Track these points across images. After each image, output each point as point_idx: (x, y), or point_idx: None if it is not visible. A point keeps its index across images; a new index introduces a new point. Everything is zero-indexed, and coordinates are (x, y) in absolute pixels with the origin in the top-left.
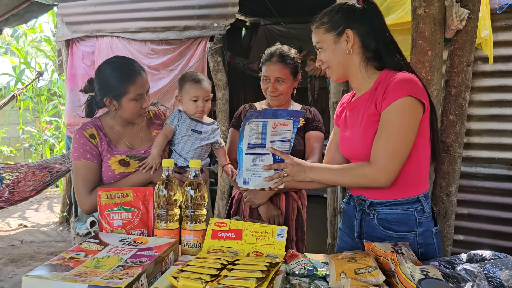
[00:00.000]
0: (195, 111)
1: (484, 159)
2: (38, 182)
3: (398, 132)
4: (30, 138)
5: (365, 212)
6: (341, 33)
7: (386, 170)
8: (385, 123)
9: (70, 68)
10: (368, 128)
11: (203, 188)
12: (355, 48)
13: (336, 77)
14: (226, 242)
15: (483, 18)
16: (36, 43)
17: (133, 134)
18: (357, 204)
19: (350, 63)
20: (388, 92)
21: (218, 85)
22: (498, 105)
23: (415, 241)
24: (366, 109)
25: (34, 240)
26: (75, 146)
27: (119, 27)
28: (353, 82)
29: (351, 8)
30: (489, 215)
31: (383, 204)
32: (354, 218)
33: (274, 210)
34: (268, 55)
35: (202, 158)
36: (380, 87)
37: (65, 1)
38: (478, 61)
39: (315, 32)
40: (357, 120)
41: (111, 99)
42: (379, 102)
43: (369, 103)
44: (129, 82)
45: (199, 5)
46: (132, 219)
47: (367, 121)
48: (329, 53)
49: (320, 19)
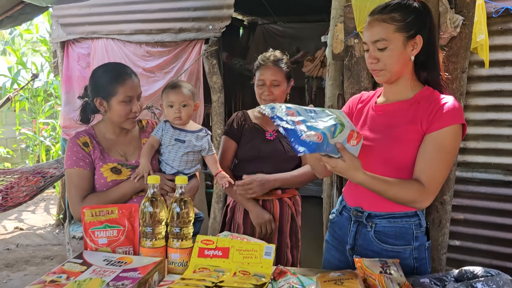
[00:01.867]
0: (173, 117)
1: (480, 164)
2: (31, 188)
3: (450, 160)
4: (27, 139)
5: (362, 224)
6: (412, 37)
7: (434, 194)
8: (439, 147)
9: (65, 70)
10: (404, 138)
11: (190, 205)
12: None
13: (387, 80)
14: (212, 260)
15: (479, 22)
16: (32, 44)
17: (126, 142)
18: (353, 216)
19: (406, 69)
20: (441, 115)
21: (214, 88)
22: (495, 110)
23: (411, 255)
24: (404, 118)
25: (30, 244)
26: (68, 154)
27: (114, 29)
28: (394, 86)
29: (420, 12)
30: (485, 221)
31: (382, 217)
32: (348, 230)
33: (264, 215)
34: (262, 59)
35: (191, 165)
36: (425, 104)
37: (60, 3)
38: (474, 66)
39: (381, 25)
40: (389, 125)
41: (101, 100)
42: (425, 120)
43: (408, 114)
44: (118, 83)
45: (194, 7)
46: (118, 237)
47: (403, 131)
48: (394, 54)
49: (389, 12)
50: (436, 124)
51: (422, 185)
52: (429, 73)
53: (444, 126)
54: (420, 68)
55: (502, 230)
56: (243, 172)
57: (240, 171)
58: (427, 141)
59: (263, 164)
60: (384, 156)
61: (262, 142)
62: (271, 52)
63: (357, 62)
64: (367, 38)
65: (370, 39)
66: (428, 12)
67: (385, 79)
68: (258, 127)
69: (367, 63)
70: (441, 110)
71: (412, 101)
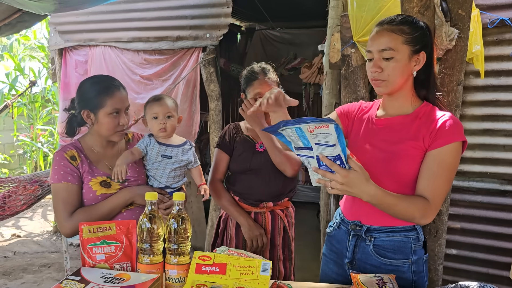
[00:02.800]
0: (158, 129)
1: (476, 173)
2: (29, 196)
3: (452, 176)
4: (24, 145)
5: (361, 238)
6: (416, 52)
7: (437, 210)
8: (442, 164)
9: (63, 77)
10: (406, 153)
11: (187, 221)
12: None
13: (389, 91)
14: (210, 276)
15: (475, 33)
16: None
17: (113, 155)
18: (352, 229)
19: (406, 84)
20: (443, 132)
21: (211, 96)
22: (490, 119)
23: (410, 269)
24: (407, 134)
25: (27, 251)
26: (55, 168)
27: (112, 36)
28: (394, 100)
29: (425, 30)
30: (481, 230)
31: (381, 231)
32: (347, 244)
33: (256, 229)
34: (253, 72)
35: (178, 180)
36: (427, 120)
37: (58, 11)
38: (470, 75)
39: (390, 36)
40: (391, 140)
41: (89, 112)
42: (428, 137)
43: (411, 129)
44: (106, 95)
45: (191, 16)
46: (116, 253)
47: (406, 147)
48: (398, 66)
49: (398, 24)
50: (438, 142)
51: (427, 201)
52: (428, 91)
53: (447, 143)
54: (420, 86)
55: (499, 239)
56: (235, 184)
57: (233, 183)
58: (430, 158)
59: (254, 176)
60: (386, 170)
61: (253, 154)
62: (259, 65)
63: (354, 71)
64: (373, 47)
65: (377, 47)
66: (430, 33)
67: (386, 90)
68: (249, 139)
69: (370, 72)
70: (443, 128)
71: (413, 116)
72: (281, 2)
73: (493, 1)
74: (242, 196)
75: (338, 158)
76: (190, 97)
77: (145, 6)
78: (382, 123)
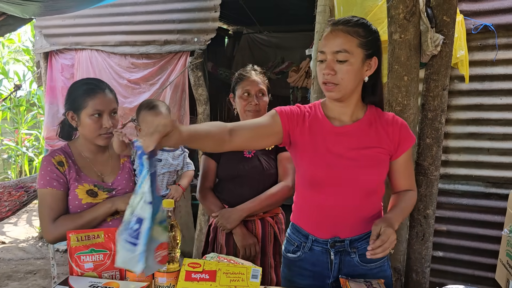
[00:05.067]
0: None
1: (462, 177)
2: (14, 202)
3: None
4: (9, 150)
5: (344, 252)
6: (369, 57)
7: None
8: (410, 162)
9: (49, 81)
10: (372, 160)
11: (177, 229)
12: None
13: (340, 97)
14: (199, 284)
15: (459, 38)
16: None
17: (103, 161)
18: (331, 247)
19: (357, 89)
20: (405, 136)
21: (199, 100)
22: (475, 123)
23: (388, 264)
24: (367, 140)
25: (12, 258)
26: (42, 173)
27: (99, 40)
28: (345, 107)
29: (377, 36)
30: (467, 232)
31: (361, 239)
32: (328, 263)
33: (250, 238)
34: (245, 72)
35: (166, 184)
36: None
37: (43, 15)
38: (455, 80)
39: (345, 37)
40: (354, 148)
41: (73, 114)
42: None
43: (370, 136)
44: (88, 96)
45: (179, 20)
46: (104, 261)
47: (371, 154)
48: (352, 70)
49: (353, 26)
50: (405, 145)
51: (413, 191)
52: (377, 98)
53: (411, 145)
54: (369, 93)
55: (484, 241)
56: (223, 192)
57: (221, 191)
58: (402, 162)
59: (242, 183)
60: (354, 178)
61: (241, 160)
62: (250, 66)
63: None
64: (327, 48)
65: (331, 49)
66: (380, 41)
67: (338, 96)
68: None
69: (322, 74)
70: (403, 131)
71: (366, 121)
72: (268, 6)
73: (477, 7)
74: (231, 204)
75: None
76: (178, 101)
77: (132, 10)
78: (341, 131)
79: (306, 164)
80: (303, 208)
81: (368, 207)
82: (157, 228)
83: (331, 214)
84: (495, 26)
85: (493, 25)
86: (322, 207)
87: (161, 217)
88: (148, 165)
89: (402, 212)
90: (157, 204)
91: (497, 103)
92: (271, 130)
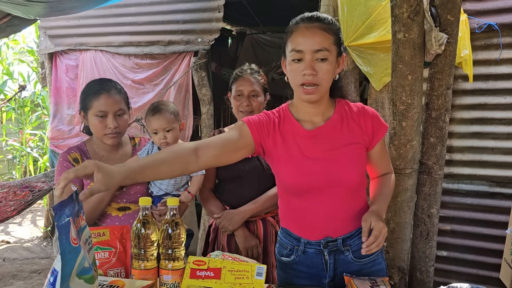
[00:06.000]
0: (159, 143)
1: (466, 176)
2: (19, 202)
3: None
4: (14, 150)
5: (338, 251)
6: (340, 54)
7: None
8: (385, 148)
9: (54, 81)
10: (349, 158)
11: (181, 226)
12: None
13: (318, 98)
14: (204, 281)
15: (463, 37)
16: (19, 54)
17: (117, 160)
18: (324, 248)
19: (328, 87)
20: (377, 125)
21: (203, 100)
22: (479, 122)
23: (382, 256)
24: (341, 137)
25: (17, 257)
26: (58, 169)
27: (103, 41)
28: (317, 107)
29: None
30: (471, 231)
31: (353, 236)
32: (323, 264)
33: (252, 240)
34: (239, 72)
35: (178, 186)
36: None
37: (47, 16)
38: (459, 79)
39: (323, 35)
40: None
41: (82, 112)
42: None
43: (344, 133)
44: (93, 97)
45: (183, 20)
46: (109, 259)
47: (347, 151)
48: (330, 69)
49: (327, 23)
50: (378, 135)
51: (390, 173)
52: (342, 91)
53: (384, 133)
54: (335, 88)
55: (488, 240)
56: (224, 193)
57: (221, 192)
58: (377, 150)
59: (243, 183)
60: (335, 180)
61: (241, 161)
62: (247, 65)
63: (345, 75)
64: (306, 46)
65: (312, 47)
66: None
67: (317, 97)
68: None
69: (301, 75)
70: (375, 121)
71: (337, 117)
72: (271, 7)
73: (481, 6)
74: (232, 205)
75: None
76: (182, 102)
77: (136, 11)
78: (314, 134)
79: (285, 173)
80: (290, 214)
81: (354, 204)
82: (76, 280)
83: (319, 217)
84: (499, 25)
85: (497, 24)
86: (309, 212)
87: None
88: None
89: (386, 199)
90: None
91: (501, 102)
92: (241, 143)
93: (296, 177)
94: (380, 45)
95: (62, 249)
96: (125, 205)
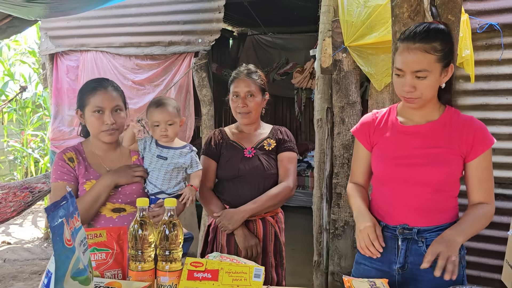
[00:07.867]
0: (159, 136)
1: None
2: (19, 203)
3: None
4: (15, 151)
5: (412, 240)
6: (446, 66)
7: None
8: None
9: (55, 82)
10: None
11: (179, 227)
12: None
13: (420, 107)
14: (202, 283)
15: (464, 38)
16: (20, 55)
17: (114, 159)
18: (400, 234)
19: (435, 95)
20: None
21: (203, 101)
22: None
23: (460, 263)
24: (440, 141)
25: (18, 259)
26: (54, 168)
27: (104, 41)
28: (421, 110)
29: (451, 39)
30: None
31: (431, 231)
32: (396, 249)
33: (251, 239)
34: (236, 73)
35: (174, 184)
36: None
37: (48, 17)
38: (460, 80)
39: (424, 56)
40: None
41: (79, 111)
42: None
43: (443, 136)
44: (89, 94)
45: (183, 21)
46: (106, 260)
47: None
48: (431, 84)
49: (430, 41)
50: (479, 149)
51: (489, 206)
52: (451, 96)
53: (486, 149)
54: (445, 92)
55: (490, 242)
56: (223, 193)
57: (221, 191)
58: (474, 166)
59: (242, 183)
60: (421, 176)
61: (241, 160)
62: (244, 66)
63: (346, 76)
64: (406, 67)
65: (411, 68)
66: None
67: (418, 106)
68: (236, 145)
69: (402, 90)
70: (479, 134)
71: (441, 122)
72: (272, 8)
73: (482, 6)
74: (232, 205)
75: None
76: (183, 102)
77: (137, 12)
78: (411, 131)
79: (376, 163)
80: (375, 198)
81: (437, 203)
82: (71, 281)
83: (399, 207)
84: (501, 25)
85: (499, 24)
86: (391, 201)
87: (77, 269)
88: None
89: (471, 225)
90: (67, 256)
91: (503, 102)
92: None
93: (384, 167)
94: (380, 45)
95: (56, 250)
96: (120, 206)
